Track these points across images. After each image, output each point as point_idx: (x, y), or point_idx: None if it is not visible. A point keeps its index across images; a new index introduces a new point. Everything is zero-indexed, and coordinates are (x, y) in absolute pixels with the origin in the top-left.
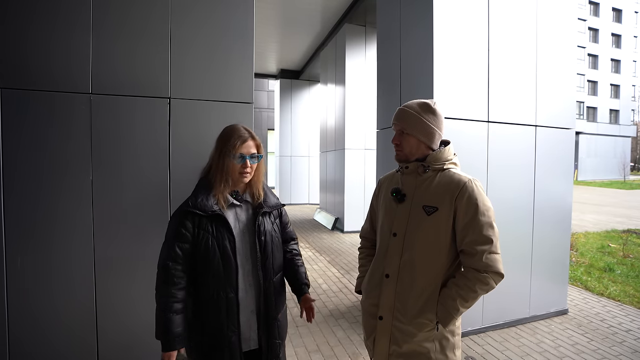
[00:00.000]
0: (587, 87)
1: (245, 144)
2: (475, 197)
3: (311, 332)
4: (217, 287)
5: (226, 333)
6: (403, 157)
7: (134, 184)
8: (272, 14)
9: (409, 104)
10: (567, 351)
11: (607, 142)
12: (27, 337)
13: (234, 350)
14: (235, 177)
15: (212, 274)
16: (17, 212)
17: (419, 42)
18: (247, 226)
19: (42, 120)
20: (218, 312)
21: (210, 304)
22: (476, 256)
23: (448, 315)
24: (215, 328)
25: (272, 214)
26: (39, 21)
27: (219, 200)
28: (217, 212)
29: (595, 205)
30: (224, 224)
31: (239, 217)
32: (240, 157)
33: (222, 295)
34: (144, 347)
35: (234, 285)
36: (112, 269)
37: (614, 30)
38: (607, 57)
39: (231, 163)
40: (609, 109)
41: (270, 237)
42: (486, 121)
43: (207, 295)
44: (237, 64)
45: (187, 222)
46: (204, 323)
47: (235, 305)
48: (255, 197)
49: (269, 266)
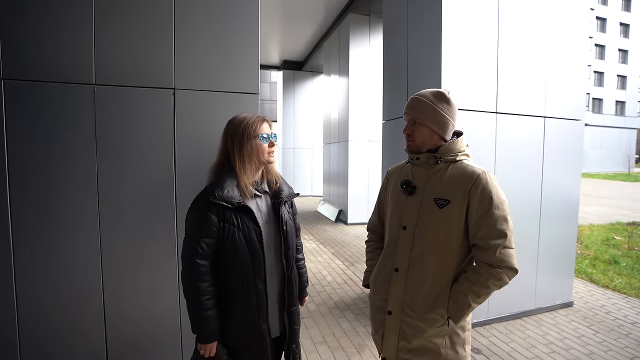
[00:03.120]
0: (594, 78)
1: (264, 124)
2: (489, 189)
3: (317, 324)
4: (247, 279)
5: (257, 322)
6: (415, 147)
7: (139, 175)
8: (274, 4)
9: (422, 93)
10: (572, 343)
11: (612, 133)
12: (36, 329)
13: (264, 337)
14: (263, 159)
15: (240, 266)
16: (24, 204)
17: (426, 32)
18: (268, 216)
19: (46, 111)
20: (249, 303)
21: (240, 295)
22: (489, 251)
23: (459, 311)
24: (247, 318)
25: (287, 204)
26: (44, 13)
27: (243, 190)
28: (242, 203)
29: (600, 198)
30: (249, 216)
31: (260, 208)
32: (266, 136)
33: (252, 287)
34: (151, 340)
35: (262, 277)
36: (118, 259)
37: (622, 20)
38: (615, 47)
39: (257, 145)
40: (615, 101)
41: (290, 226)
42: (494, 112)
43: (237, 286)
44: (242, 54)
45: (212, 215)
46: (235, 312)
47: (264, 295)
48: (272, 184)
49: (290, 255)
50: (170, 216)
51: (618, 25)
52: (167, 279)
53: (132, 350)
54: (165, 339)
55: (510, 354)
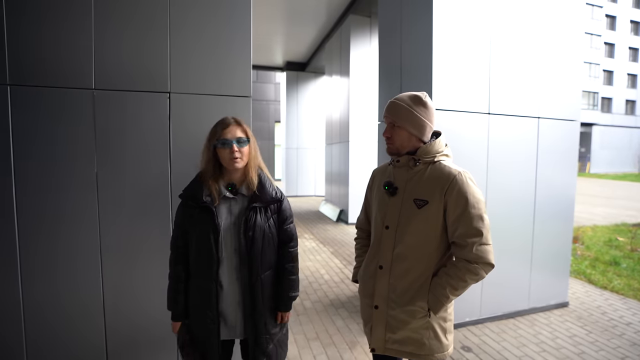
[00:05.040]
0: (603, 76)
1: (228, 129)
2: (465, 189)
3: (311, 321)
4: (202, 276)
5: (206, 321)
6: (394, 150)
7: (136, 177)
8: (277, 6)
9: (399, 97)
10: (564, 342)
11: (622, 133)
12: (41, 322)
13: (213, 336)
14: (226, 164)
15: (198, 263)
16: (28, 203)
17: (418, 34)
18: (238, 219)
19: (49, 116)
20: (200, 300)
21: (194, 291)
22: (467, 248)
23: (438, 302)
24: (198, 313)
25: (269, 209)
26: (45, 21)
27: (211, 192)
28: (206, 204)
29: (607, 199)
30: (210, 216)
31: (232, 211)
32: (225, 142)
33: (203, 285)
34: (150, 338)
35: (214, 277)
36: (116, 258)
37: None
38: (625, 46)
39: (219, 151)
40: (625, 100)
41: (260, 233)
42: (487, 113)
43: (193, 282)
44: (236, 57)
45: (185, 211)
46: (192, 304)
47: (214, 296)
48: (249, 188)
49: (256, 263)
50: (165, 215)
51: (628, 23)
52: (163, 277)
53: (129, 346)
54: (161, 335)
55: (500, 353)
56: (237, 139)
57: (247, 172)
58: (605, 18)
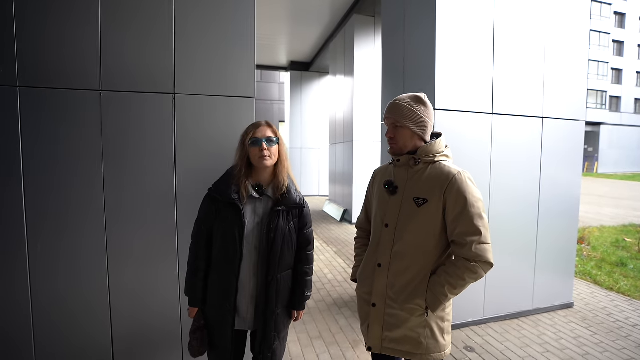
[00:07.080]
0: (611, 75)
1: (258, 129)
2: (464, 189)
3: (314, 320)
4: (223, 269)
5: (222, 311)
6: (398, 150)
7: (142, 177)
8: (281, 6)
9: (400, 98)
10: (568, 343)
11: (631, 132)
12: (49, 317)
13: (227, 325)
14: (256, 162)
15: (222, 255)
16: (36, 201)
17: (421, 32)
18: (262, 220)
19: (57, 116)
20: (220, 290)
21: (217, 280)
22: (466, 246)
23: (436, 301)
24: (217, 302)
25: (291, 213)
26: (52, 23)
27: (240, 189)
28: (234, 201)
29: (615, 199)
30: (237, 213)
31: (257, 211)
32: (255, 140)
33: (224, 277)
34: (157, 336)
35: (235, 271)
36: (122, 257)
37: None
38: (634, 43)
39: (249, 149)
40: (634, 99)
41: (281, 236)
42: (490, 113)
43: (216, 272)
44: (240, 58)
45: (212, 205)
46: (211, 293)
47: (234, 289)
48: (277, 190)
49: (274, 263)
50: (170, 214)
51: (638, 21)
52: (168, 275)
53: (136, 344)
54: (167, 332)
55: (503, 353)
56: (267, 138)
57: (277, 172)
58: (614, 15)
